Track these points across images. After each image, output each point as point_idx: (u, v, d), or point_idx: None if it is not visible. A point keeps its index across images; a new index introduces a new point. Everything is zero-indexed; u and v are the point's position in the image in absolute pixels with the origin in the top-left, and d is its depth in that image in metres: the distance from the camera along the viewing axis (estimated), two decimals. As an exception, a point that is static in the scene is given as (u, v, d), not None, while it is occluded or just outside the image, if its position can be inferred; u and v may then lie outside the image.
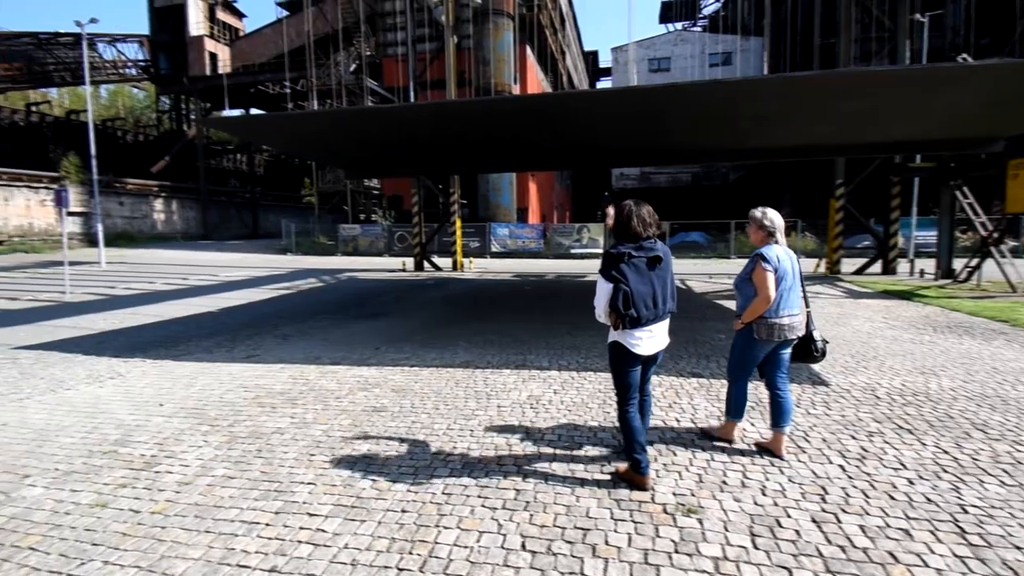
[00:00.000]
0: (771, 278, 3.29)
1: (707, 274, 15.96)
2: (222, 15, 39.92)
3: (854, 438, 3.81)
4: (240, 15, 42.42)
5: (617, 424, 3.43)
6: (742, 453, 3.55)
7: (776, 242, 3.43)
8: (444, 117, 7.96)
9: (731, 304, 10.15)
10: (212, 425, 4.22)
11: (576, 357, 6.14)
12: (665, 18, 50.10)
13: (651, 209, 3.10)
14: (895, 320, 8.48)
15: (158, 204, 35.80)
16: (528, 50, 31.44)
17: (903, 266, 15.13)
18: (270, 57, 37.26)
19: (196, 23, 37.74)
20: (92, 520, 2.85)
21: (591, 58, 66.91)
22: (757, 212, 3.50)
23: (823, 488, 3.08)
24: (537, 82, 34.50)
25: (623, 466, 3.23)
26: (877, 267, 15.19)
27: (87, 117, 22.66)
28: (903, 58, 14.35)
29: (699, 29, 49.46)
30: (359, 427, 4.11)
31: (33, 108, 39.53)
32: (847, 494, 3.01)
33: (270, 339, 7.57)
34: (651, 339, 3.06)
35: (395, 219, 30.89)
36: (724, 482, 3.16)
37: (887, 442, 3.73)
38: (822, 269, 15.79)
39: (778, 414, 3.52)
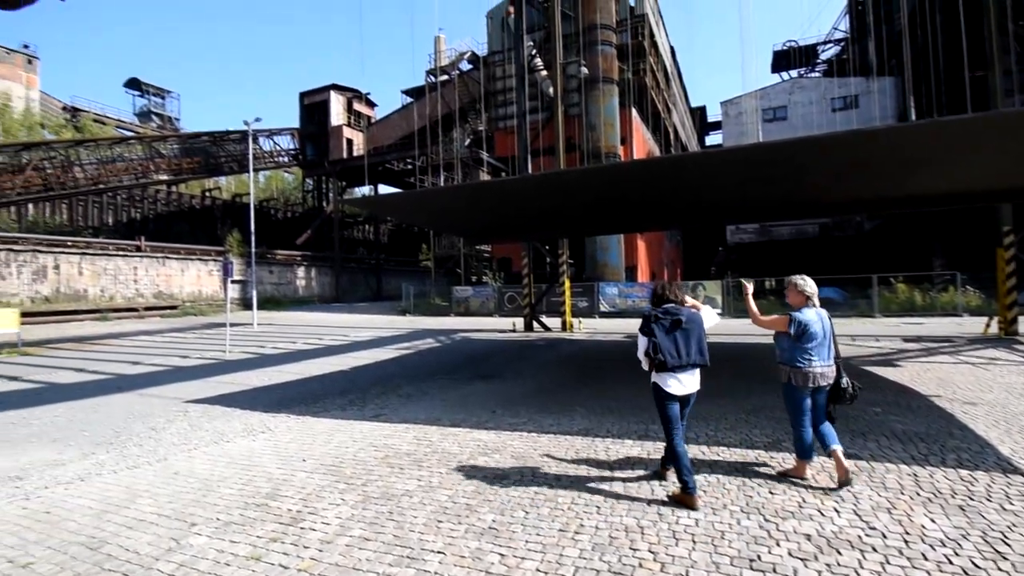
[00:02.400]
0: (778, 325, 4.17)
1: (849, 335, 14.33)
2: (358, 106, 45.56)
3: (1075, 545, 3.07)
4: (372, 104, 48.08)
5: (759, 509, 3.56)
6: (924, 556, 3.00)
7: (812, 305, 4.19)
8: (556, 186, 8.22)
9: (885, 371, 8.97)
10: (348, 483, 4.44)
11: (705, 429, 5.70)
12: (778, 67, 48.57)
13: (680, 284, 4.39)
14: (1109, 394, 6.93)
15: (300, 272, 40.33)
16: (634, 112, 31.93)
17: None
18: (396, 139, 41.54)
19: (337, 115, 43.42)
20: (248, 573, 3.07)
21: (698, 113, 66.36)
22: (799, 280, 4.22)
23: (1046, 612, 2.48)
24: (644, 142, 34.72)
25: (676, 489, 3.95)
26: (1070, 327, 12.71)
27: (249, 200, 26.55)
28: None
29: (817, 74, 47.24)
30: (482, 494, 4.09)
31: (207, 193, 47.24)
32: (1083, 623, 2.40)
33: (395, 399, 7.95)
34: (678, 383, 3.95)
35: (504, 280, 31.87)
36: (907, 592, 2.67)
37: None
38: (994, 329, 13.51)
39: (824, 438, 4.16)
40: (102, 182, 32.00)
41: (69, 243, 27.76)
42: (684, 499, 3.79)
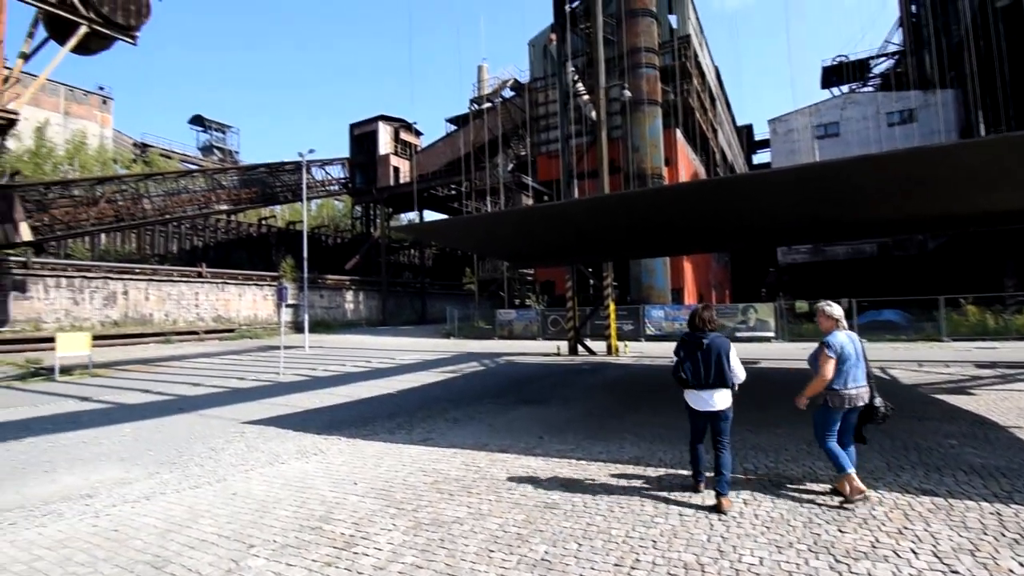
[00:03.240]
0: (831, 363, 4.22)
1: (915, 361, 13.47)
2: (404, 136, 47.13)
3: None
4: (418, 133, 49.65)
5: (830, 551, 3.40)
6: (1022, 609, 2.73)
7: (842, 328, 4.37)
8: (603, 210, 8.20)
9: (957, 400, 8.37)
10: (399, 508, 4.46)
11: (764, 460, 5.45)
12: (828, 83, 47.33)
13: (712, 314, 4.53)
14: None
15: (349, 296, 41.53)
16: (678, 133, 31.70)
17: None
18: (441, 165, 42.67)
19: (384, 144, 45.02)
20: (304, 597, 3.11)
21: (745, 132, 65.22)
22: (826, 306, 4.46)
23: None
24: (689, 162, 34.33)
25: (713, 496, 4.29)
26: None
27: (302, 227, 27.69)
28: None
29: (870, 89, 45.75)
30: (533, 524, 4.03)
31: (263, 222, 49.59)
32: None
33: (442, 423, 7.99)
34: (700, 400, 4.38)
35: (548, 303, 31.77)
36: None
37: None
38: (1082, 355, 12.42)
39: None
40: (168, 213, 34.13)
41: (137, 270, 29.61)
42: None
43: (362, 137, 45.91)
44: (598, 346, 19.17)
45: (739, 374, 4.39)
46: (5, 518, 4.55)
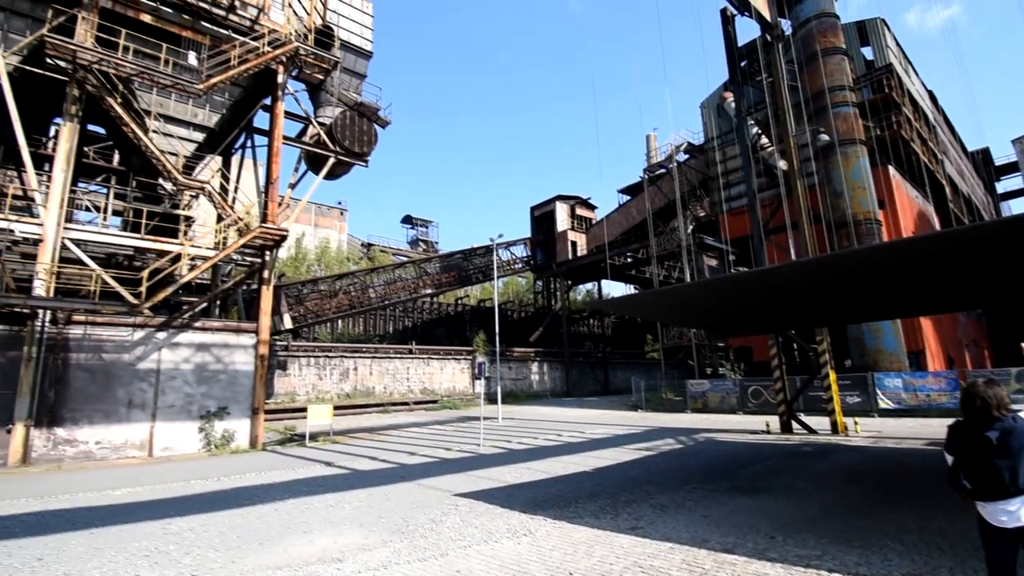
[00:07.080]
0: None
1: None
2: (580, 211, 49.06)
3: None
4: (592, 207, 51.25)
5: None
6: None
7: None
8: (831, 270, 7.25)
9: None
10: (622, 610, 4.14)
11: None
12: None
13: (1001, 392, 3.26)
14: None
15: (534, 367, 42.93)
16: (891, 170, 27.59)
17: None
18: (616, 235, 43.07)
19: (561, 221, 47.31)
20: None
21: (980, 157, 54.18)
22: None
23: None
24: (909, 201, 29.42)
25: None
26: None
27: (492, 304, 29.87)
28: None
29: None
30: (789, 652, 3.38)
31: (458, 301, 54.82)
32: None
33: (648, 509, 7.45)
34: (1001, 514, 3.17)
35: (745, 372, 28.81)
36: None
37: None
38: None
39: None
40: (387, 299, 39.87)
41: (364, 349, 34.66)
42: None
43: (541, 217, 48.97)
44: (816, 422, 16.55)
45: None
46: None
